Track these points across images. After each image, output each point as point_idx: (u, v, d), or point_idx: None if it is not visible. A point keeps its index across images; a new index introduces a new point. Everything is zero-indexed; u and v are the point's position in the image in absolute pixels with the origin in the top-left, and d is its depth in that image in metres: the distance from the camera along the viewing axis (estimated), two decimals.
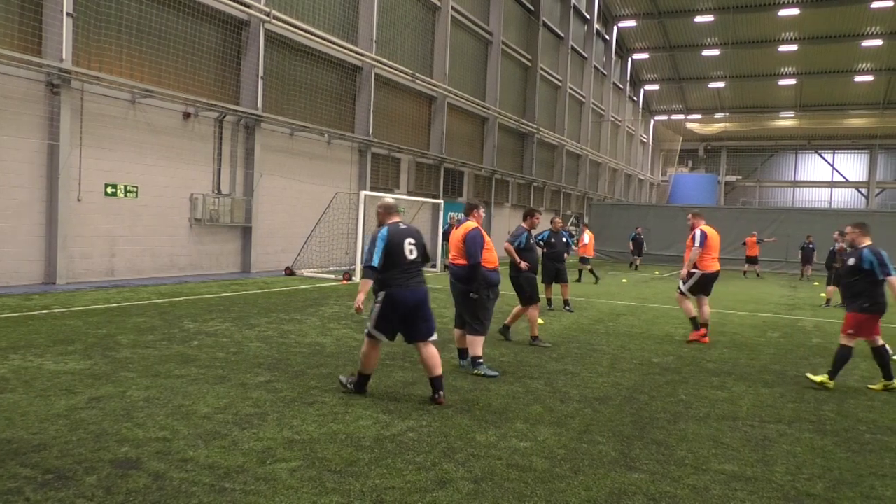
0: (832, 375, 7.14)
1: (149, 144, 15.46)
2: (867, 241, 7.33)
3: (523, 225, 9.32)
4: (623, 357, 8.46)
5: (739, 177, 62.75)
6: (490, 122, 31.85)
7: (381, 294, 5.84)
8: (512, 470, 4.36)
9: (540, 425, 5.36)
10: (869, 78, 50.96)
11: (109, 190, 14.68)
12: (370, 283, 5.79)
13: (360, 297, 5.70)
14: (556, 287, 13.26)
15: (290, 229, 19.43)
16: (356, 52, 21.44)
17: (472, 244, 7.10)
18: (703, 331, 9.84)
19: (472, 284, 7.11)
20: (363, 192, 18.57)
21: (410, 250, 5.88)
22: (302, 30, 19.04)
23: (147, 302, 11.66)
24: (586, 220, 38.64)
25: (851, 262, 7.31)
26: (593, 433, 5.22)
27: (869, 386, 7.34)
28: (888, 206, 54.56)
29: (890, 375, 7.20)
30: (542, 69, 36.62)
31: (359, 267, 17.91)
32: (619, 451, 4.83)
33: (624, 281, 21.15)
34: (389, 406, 5.72)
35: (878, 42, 45.35)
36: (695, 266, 9.80)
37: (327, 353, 7.92)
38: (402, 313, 5.85)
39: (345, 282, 16.68)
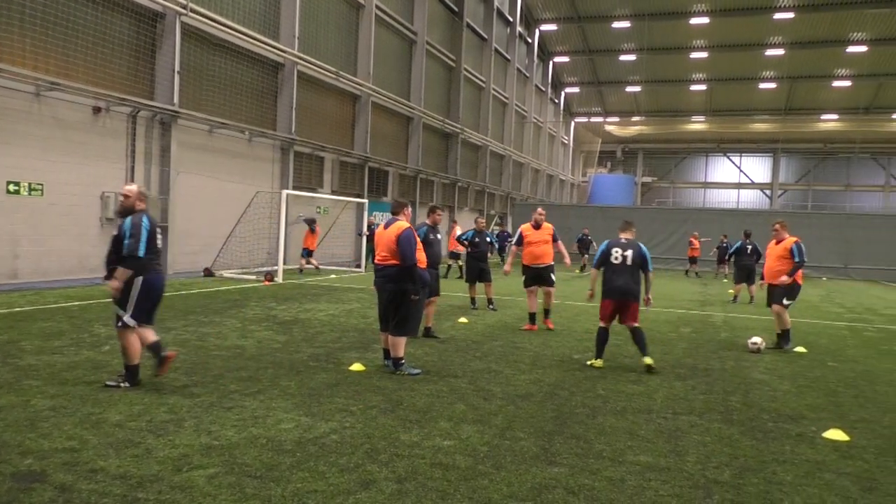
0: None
1: (55, 140, 14.68)
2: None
3: (426, 221, 9.53)
4: (545, 354, 8.64)
5: (655, 178, 65.20)
6: (415, 121, 31.88)
7: (139, 280, 6.02)
8: (435, 468, 4.38)
9: (464, 423, 5.41)
10: (772, 85, 53.88)
11: (12, 188, 13.86)
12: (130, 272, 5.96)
13: (117, 284, 5.92)
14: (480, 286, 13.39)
15: (209, 229, 18.86)
16: (278, 49, 21.03)
17: (408, 245, 6.96)
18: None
19: (404, 285, 7.01)
20: (285, 192, 18.25)
21: (160, 237, 6.32)
22: (220, 24, 18.52)
23: (54, 306, 11.08)
24: (510, 219, 39.29)
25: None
26: (515, 430, 5.30)
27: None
28: (789, 207, 57.91)
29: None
30: (466, 70, 36.93)
31: (281, 267, 17.58)
32: (541, 446, 4.93)
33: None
34: (312, 408, 5.64)
35: (780, 51, 48.01)
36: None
37: (248, 355, 7.73)
38: (155, 298, 6.25)
39: (267, 283, 16.34)
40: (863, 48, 46.07)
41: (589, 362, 8.01)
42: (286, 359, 7.63)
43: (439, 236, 9.68)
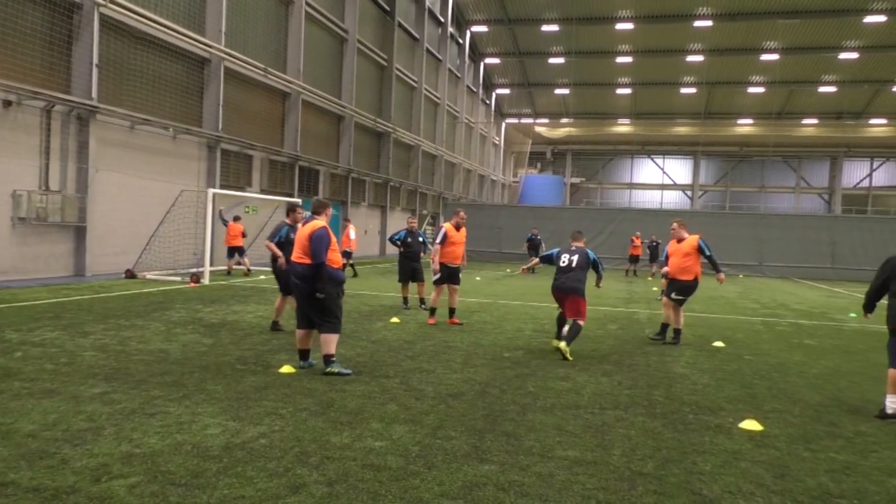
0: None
1: None
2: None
3: (286, 220, 9.64)
4: (476, 353, 8.72)
5: (583, 178, 66.79)
6: (346, 120, 31.60)
7: None
8: (367, 470, 4.36)
9: (395, 424, 5.40)
10: (693, 90, 56.01)
11: None
12: None
13: None
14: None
15: (131, 229, 18.17)
16: (203, 44, 20.45)
17: (319, 243, 6.93)
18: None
19: (315, 284, 6.96)
20: (212, 190, 17.76)
21: None
22: (142, 16, 17.85)
23: None
24: (441, 219, 39.42)
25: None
26: (447, 428, 5.33)
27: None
28: (709, 207, 60.38)
29: None
30: (397, 69, 36.86)
31: (207, 268, 17.10)
32: (472, 444, 4.98)
33: (477, 279, 21.77)
34: (240, 412, 5.52)
35: (699, 58, 49.95)
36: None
37: (172, 359, 7.49)
38: None
39: (193, 284, 15.87)
40: (775, 56, 48.46)
41: (554, 343, 8.97)
42: (213, 362, 7.43)
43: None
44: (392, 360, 7.97)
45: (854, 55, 47.50)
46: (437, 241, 11.20)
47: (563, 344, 8.47)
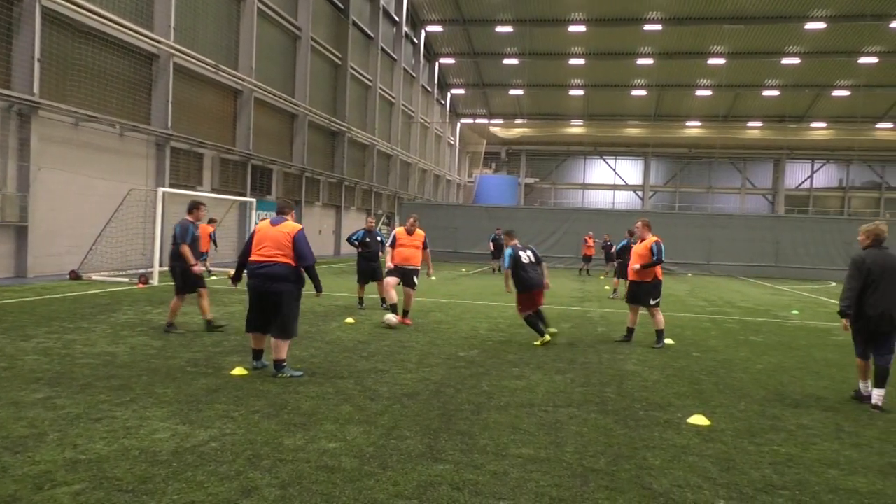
0: None
1: None
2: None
3: (188, 218, 9.53)
4: (431, 353, 8.73)
5: (537, 179, 67.48)
6: (300, 118, 31.25)
7: None
8: (321, 472, 4.32)
9: (349, 425, 5.37)
10: (643, 92, 57.14)
11: None
12: None
13: None
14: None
15: (76, 229, 17.62)
16: (151, 39, 19.96)
17: (306, 244, 6.98)
18: None
19: (290, 285, 6.94)
20: (161, 189, 17.36)
21: None
22: (86, 10, 17.32)
23: None
24: (397, 218, 39.34)
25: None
26: (402, 429, 5.33)
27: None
28: (659, 207, 61.70)
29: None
30: (352, 68, 36.62)
31: (157, 269, 16.71)
32: (427, 444, 4.98)
33: (433, 279, 21.78)
34: (190, 416, 5.41)
35: (650, 61, 50.99)
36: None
37: (119, 363, 7.30)
38: None
39: (141, 285, 15.48)
40: (721, 60, 49.77)
41: (538, 342, 9.56)
42: (162, 365, 7.27)
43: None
44: (346, 361, 7.92)
45: (796, 60, 49.12)
46: (388, 244, 11.56)
47: (552, 329, 9.86)
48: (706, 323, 13.25)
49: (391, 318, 10.66)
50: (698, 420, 5.89)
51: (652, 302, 9.98)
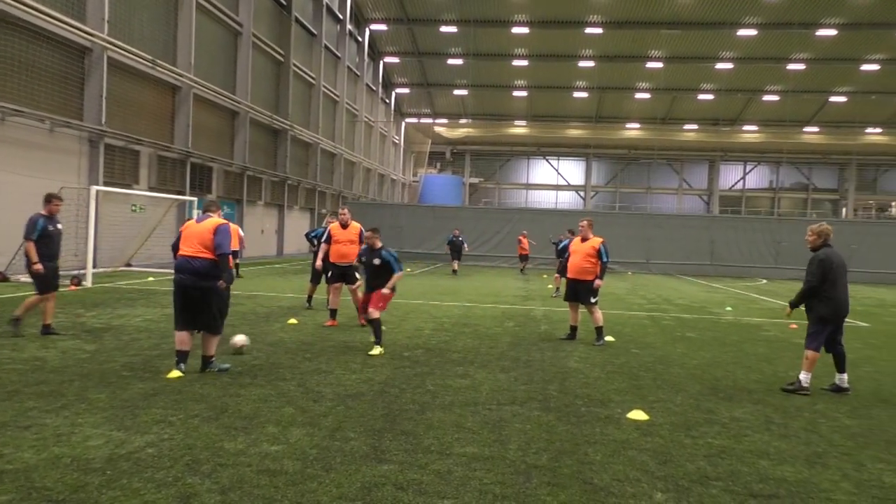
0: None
1: None
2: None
3: (42, 212, 9.04)
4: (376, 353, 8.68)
5: (482, 179, 67.94)
6: (241, 116, 30.64)
7: None
8: (262, 475, 4.26)
9: (292, 427, 5.30)
10: (585, 94, 58.18)
11: None
12: None
13: None
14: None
15: (2, 229, 16.83)
16: (84, 32, 19.25)
17: (225, 236, 6.96)
18: None
19: (215, 280, 6.91)
20: (94, 188, 16.78)
21: None
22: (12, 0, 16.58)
23: None
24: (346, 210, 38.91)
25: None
26: (346, 430, 5.29)
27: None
28: (600, 207, 62.98)
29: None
30: (295, 65, 36.12)
31: (90, 270, 16.13)
32: (371, 444, 4.96)
33: None
34: (126, 422, 5.24)
35: (591, 63, 51.96)
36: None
37: (50, 368, 7.01)
38: None
39: (73, 287, 14.91)
40: (659, 64, 51.11)
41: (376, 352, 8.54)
42: (96, 369, 7.02)
43: (59, 226, 9.31)
44: (289, 363, 7.81)
45: (729, 65, 50.83)
46: (323, 239, 11.18)
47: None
48: (645, 320, 13.59)
49: (240, 339, 8.34)
50: (637, 415, 6.04)
51: (592, 300, 10.15)
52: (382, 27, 50.19)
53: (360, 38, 49.28)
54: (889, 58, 48.16)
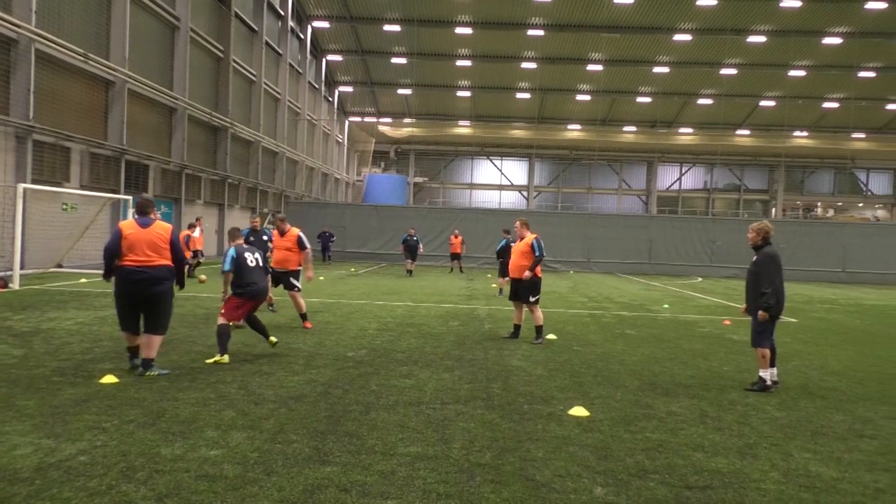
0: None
1: None
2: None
3: None
4: (319, 353, 8.60)
5: (426, 178, 67.96)
6: (179, 112, 29.81)
7: None
8: (201, 481, 4.16)
9: (233, 430, 5.20)
10: (527, 95, 58.88)
11: None
12: None
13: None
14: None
15: None
16: (8, 22, 18.39)
17: (179, 242, 7.23)
18: None
19: (170, 284, 7.12)
20: (22, 185, 16.07)
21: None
22: None
23: None
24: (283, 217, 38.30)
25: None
26: (288, 432, 5.22)
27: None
28: (543, 207, 63.88)
29: None
30: (235, 62, 35.36)
31: (18, 272, 15.44)
32: (313, 447, 4.91)
33: (321, 278, 21.47)
34: (56, 429, 5.04)
35: (533, 65, 52.61)
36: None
37: None
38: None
39: (0, 289, 14.26)
40: (599, 67, 52.15)
41: (214, 360, 7.78)
42: (24, 375, 6.73)
43: None
44: (230, 365, 7.65)
45: (665, 69, 52.25)
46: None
47: (273, 338, 8.63)
48: (586, 318, 13.85)
49: None
50: (578, 411, 6.15)
51: (532, 299, 10.28)
52: (325, 24, 49.63)
53: (301, 36, 48.61)
54: (814, 64, 50.37)
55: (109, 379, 6.61)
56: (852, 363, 9.50)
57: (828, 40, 46.28)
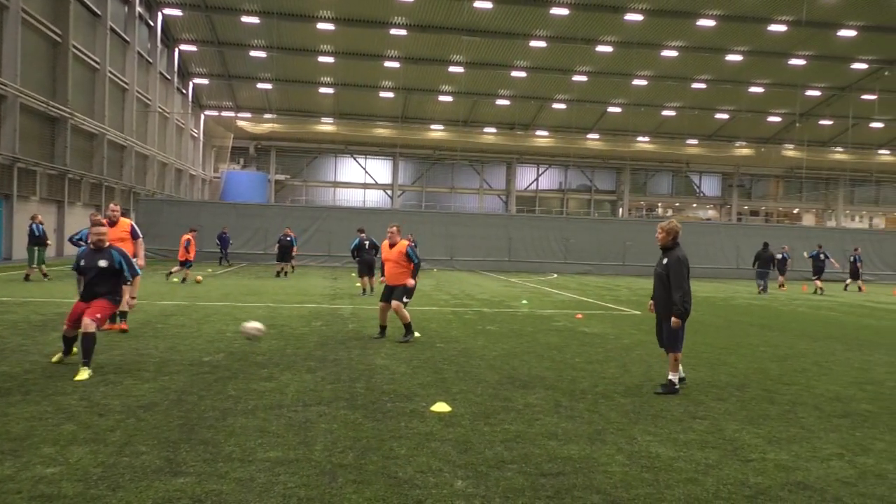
0: None
1: None
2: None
3: None
4: (172, 359, 8.16)
5: (288, 176, 66.27)
6: (9, 100, 27.10)
7: None
8: (35, 502, 3.82)
9: (73, 445, 4.82)
10: (391, 94, 59.05)
11: None
12: None
13: None
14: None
15: None
16: None
17: None
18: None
19: None
20: None
21: None
22: None
23: None
24: (133, 215, 35.96)
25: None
26: (136, 444, 4.91)
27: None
28: (407, 206, 64.35)
29: None
30: (75, 47, 32.66)
31: None
32: (165, 457, 4.66)
33: (175, 280, 20.38)
34: None
35: (396, 64, 52.84)
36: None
37: None
38: None
39: None
40: (461, 69, 53.30)
41: (55, 358, 7.62)
42: None
43: None
44: (69, 374, 7.07)
45: (523, 74, 54.35)
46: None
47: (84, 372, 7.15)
48: (449, 315, 14.12)
49: (252, 326, 8.22)
50: (441, 407, 6.27)
51: (406, 300, 10.33)
52: (177, 12, 47.00)
53: (151, 23, 45.77)
54: (654, 75, 54.37)
55: None
56: (687, 350, 10.35)
57: (665, 53, 50.13)
